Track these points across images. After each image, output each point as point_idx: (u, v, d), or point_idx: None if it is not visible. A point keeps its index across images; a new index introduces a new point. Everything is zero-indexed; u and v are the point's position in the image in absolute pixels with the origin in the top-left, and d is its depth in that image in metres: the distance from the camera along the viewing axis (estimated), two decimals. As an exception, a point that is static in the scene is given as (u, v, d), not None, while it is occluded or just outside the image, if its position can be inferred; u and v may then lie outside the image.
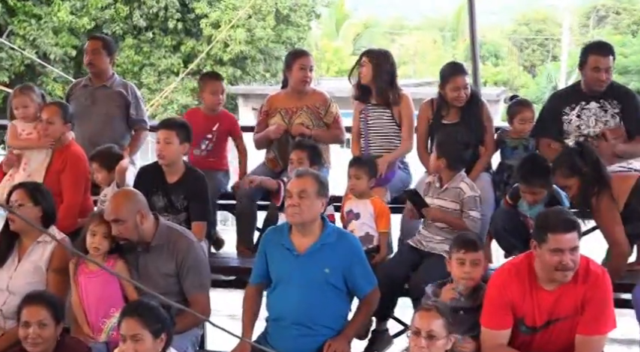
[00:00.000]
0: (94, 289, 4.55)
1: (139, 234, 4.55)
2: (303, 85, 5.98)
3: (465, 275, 4.27)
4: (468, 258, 4.27)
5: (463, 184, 5.03)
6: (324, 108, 6.02)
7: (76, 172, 5.53)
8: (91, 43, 6.36)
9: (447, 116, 5.68)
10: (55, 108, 5.58)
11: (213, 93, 5.99)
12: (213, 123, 6.00)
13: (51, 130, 5.50)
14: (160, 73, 21.42)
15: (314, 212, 4.40)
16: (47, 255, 4.74)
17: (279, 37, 21.80)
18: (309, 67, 5.97)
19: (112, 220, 4.50)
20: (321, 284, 4.39)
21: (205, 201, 5.35)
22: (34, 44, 19.61)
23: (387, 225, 5.21)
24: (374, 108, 5.86)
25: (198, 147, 5.98)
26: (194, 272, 4.61)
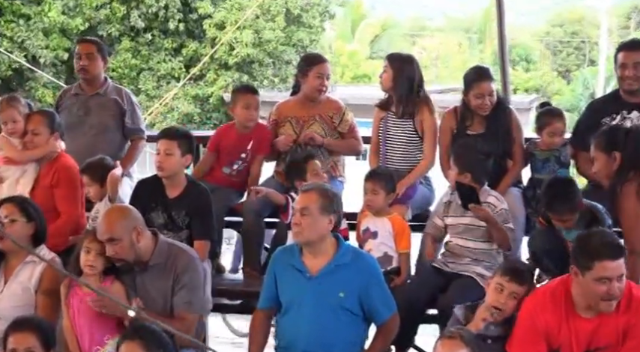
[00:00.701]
0: (88, 313, 4.54)
1: (136, 253, 4.57)
2: (318, 94, 6.02)
3: (497, 304, 4.26)
4: (510, 287, 4.27)
5: (491, 198, 5.05)
6: (338, 116, 6.05)
7: (71, 184, 5.55)
8: (84, 47, 6.36)
9: (472, 126, 5.69)
10: (40, 118, 5.60)
11: (246, 107, 5.95)
12: (247, 140, 5.98)
13: (37, 141, 5.53)
14: (160, 79, 21.56)
15: (318, 230, 4.41)
16: (36, 275, 4.75)
17: (290, 40, 21.92)
18: (326, 75, 5.99)
19: (106, 240, 4.51)
20: (336, 309, 4.40)
21: (209, 218, 5.36)
22: (23, 47, 19.79)
23: (407, 245, 5.22)
24: (393, 118, 5.88)
25: (229, 166, 6.00)
26: (188, 289, 4.60)
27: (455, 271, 5.04)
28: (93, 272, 4.54)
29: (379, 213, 5.24)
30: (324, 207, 4.39)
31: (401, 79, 5.79)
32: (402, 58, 5.93)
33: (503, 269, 4.37)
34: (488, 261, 5.04)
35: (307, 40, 22.42)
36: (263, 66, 21.99)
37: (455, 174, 5.11)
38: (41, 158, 5.59)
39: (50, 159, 5.59)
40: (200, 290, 4.73)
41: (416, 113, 5.82)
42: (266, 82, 22.28)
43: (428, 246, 5.34)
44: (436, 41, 39.66)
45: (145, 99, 20.48)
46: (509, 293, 4.27)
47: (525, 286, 4.30)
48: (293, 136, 6.01)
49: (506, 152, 5.61)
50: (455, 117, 5.76)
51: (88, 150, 5.79)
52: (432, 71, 36.49)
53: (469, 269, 4.97)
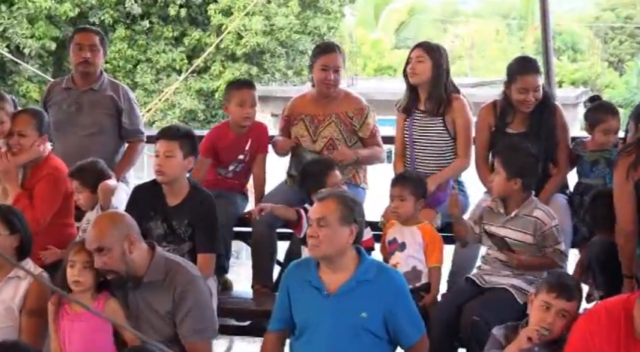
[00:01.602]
0: (79, 336, 4.56)
1: (128, 266, 4.57)
2: (326, 89, 6.00)
3: (544, 324, 4.23)
4: (557, 305, 4.24)
5: (539, 212, 5.01)
6: (358, 119, 6.01)
7: (51, 185, 5.54)
8: (86, 37, 6.36)
9: (512, 123, 5.68)
10: (27, 118, 5.61)
11: (240, 104, 5.99)
12: (245, 140, 6.04)
13: (23, 144, 5.54)
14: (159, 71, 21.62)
15: (337, 243, 4.40)
16: (21, 294, 4.77)
17: (305, 27, 21.94)
18: (332, 67, 5.94)
19: (95, 249, 4.52)
20: (357, 330, 4.38)
21: (214, 229, 5.37)
22: (5, 36, 19.89)
23: (439, 258, 5.22)
24: (422, 116, 5.88)
25: (224, 168, 6.04)
26: (194, 315, 4.62)
27: (489, 285, 5.02)
28: (79, 289, 4.54)
29: (407, 221, 5.25)
30: (343, 217, 4.38)
31: (439, 70, 5.80)
32: (438, 48, 5.93)
33: (549, 285, 4.33)
34: (531, 274, 5.03)
35: (325, 28, 22.42)
36: (275, 57, 22.02)
37: (502, 179, 5.08)
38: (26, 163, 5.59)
39: (37, 163, 5.60)
40: (208, 311, 4.73)
41: (447, 110, 5.83)
42: (278, 74, 22.32)
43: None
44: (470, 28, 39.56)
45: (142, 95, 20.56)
46: (556, 312, 4.24)
47: (575, 302, 4.28)
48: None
49: (550, 154, 5.60)
50: (494, 113, 5.75)
51: (79, 152, 5.79)
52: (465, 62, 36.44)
53: (506, 282, 4.96)
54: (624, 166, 4.73)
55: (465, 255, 5.50)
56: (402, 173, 5.56)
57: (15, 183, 5.53)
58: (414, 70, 5.80)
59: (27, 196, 5.50)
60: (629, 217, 4.74)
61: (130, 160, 6.40)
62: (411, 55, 5.85)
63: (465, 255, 5.49)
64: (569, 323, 4.22)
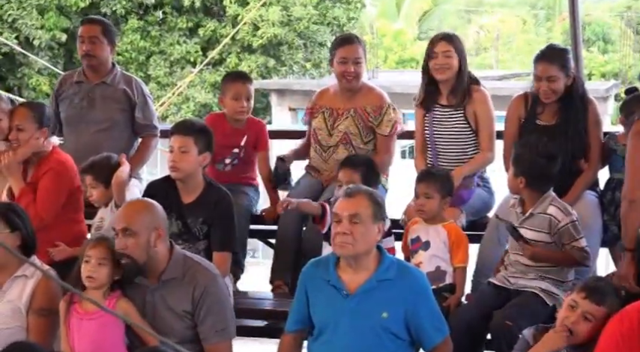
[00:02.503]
0: (90, 335, 4.59)
1: (149, 258, 4.60)
2: (346, 82, 5.98)
3: (566, 322, 4.25)
4: (583, 306, 4.25)
5: (552, 208, 5.01)
6: (376, 115, 5.99)
7: (55, 179, 5.55)
8: (87, 28, 6.40)
9: (543, 114, 5.67)
10: (25, 111, 5.62)
11: (235, 97, 6.04)
12: (241, 135, 6.09)
13: (22, 138, 5.55)
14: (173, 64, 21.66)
15: (369, 241, 4.42)
16: (28, 293, 4.78)
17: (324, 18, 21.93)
18: (352, 59, 5.94)
19: (121, 229, 4.54)
20: (378, 332, 4.39)
21: (230, 226, 5.39)
22: (14, 27, 19.95)
23: (464, 258, 5.22)
24: (442, 110, 5.89)
25: (221, 162, 6.07)
26: (215, 314, 4.65)
27: (515, 288, 5.03)
28: (94, 285, 4.57)
29: (432, 220, 5.26)
30: (375, 214, 4.40)
31: (464, 62, 5.82)
32: (459, 38, 5.96)
33: (582, 285, 4.35)
34: (557, 276, 5.03)
35: (344, 18, 22.41)
36: (293, 48, 22.01)
37: (511, 176, 5.11)
38: (29, 157, 5.60)
39: (40, 158, 5.62)
40: (228, 310, 4.76)
41: (467, 102, 5.83)
42: (296, 67, 22.32)
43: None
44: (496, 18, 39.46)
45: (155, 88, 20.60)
46: (581, 313, 4.24)
47: (604, 308, 4.25)
48: (322, 129, 6.02)
49: (579, 150, 5.58)
50: (524, 104, 5.73)
51: (91, 147, 5.82)
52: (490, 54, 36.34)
53: (535, 285, 4.96)
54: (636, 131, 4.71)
55: (490, 256, 5.50)
56: (428, 169, 5.55)
57: (18, 178, 5.56)
58: (442, 65, 5.78)
59: (31, 191, 5.53)
60: (638, 183, 4.70)
61: (144, 156, 6.43)
62: (435, 49, 5.81)
63: (491, 256, 5.49)
64: (596, 329, 4.21)
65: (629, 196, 4.72)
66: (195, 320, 4.64)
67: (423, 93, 5.92)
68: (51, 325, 4.73)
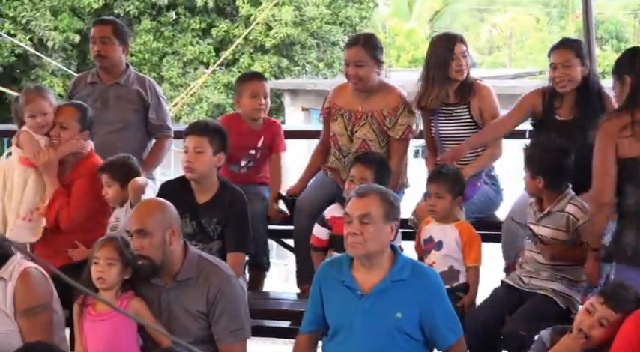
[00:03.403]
0: (103, 336, 4.61)
1: (165, 257, 4.61)
2: (353, 85, 5.92)
3: (582, 326, 4.25)
4: (600, 311, 4.24)
5: (571, 207, 5.00)
6: (390, 117, 5.88)
7: (90, 183, 5.55)
8: (98, 29, 6.41)
9: (560, 110, 5.65)
10: (71, 110, 5.65)
11: (253, 95, 6.04)
12: (258, 136, 6.08)
13: (65, 136, 5.57)
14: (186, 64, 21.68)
15: (381, 241, 4.41)
16: (10, 297, 4.69)
17: (337, 17, 21.93)
18: (352, 62, 5.80)
19: (136, 230, 4.57)
20: (392, 332, 4.39)
21: (244, 227, 5.40)
22: (28, 29, 20.01)
23: (477, 258, 5.22)
24: (446, 109, 5.89)
25: (236, 163, 6.06)
26: (229, 315, 4.66)
27: (529, 288, 5.03)
28: (104, 286, 4.58)
29: (444, 219, 5.26)
30: (387, 214, 4.39)
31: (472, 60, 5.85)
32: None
33: (601, 290, 4.35)
34: (572, 276, 5.02)
35: (357, 18, 22.39)
36: (305, 48, 22.01)
37: (528, 178, 5.10)
38: (66, 158, 5.61)
39: (77, 160, 5.63)
40: (243, 310, 4.76)
41: (471, 97, 5.84)
42: (309, 67, 22.30)
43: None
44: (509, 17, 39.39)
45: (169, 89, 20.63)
46: (598, 318, 4.23)
47: (621, 315, 4.23)
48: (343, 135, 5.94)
49: None
50: (542, 98, 5.69)
51: (105, 148, 5.80)
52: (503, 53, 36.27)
53: (546, 286, 4.95)
54: (611, 129, 4.68)
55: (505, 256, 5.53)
56: (439, 169, 5.49)
57: (54, 178, 5.56)
58: (461, 66, 5.77)
59: (65, 193, 5.55)
60: (608, 187, 4.70)
61: (157, 157, 6.43)
62: (455, 50, 5.77)
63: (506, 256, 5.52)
64: (611, 333, 4.20)
65: (598, 200, 4.72)
66: (210, 321, 4.65)
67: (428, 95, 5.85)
68: (44, 322, 4.70)
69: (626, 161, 4.65)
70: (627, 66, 4.82)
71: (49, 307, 4.74)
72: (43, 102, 5.61)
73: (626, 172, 4.66)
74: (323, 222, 5.55)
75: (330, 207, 5.57)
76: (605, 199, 4.70)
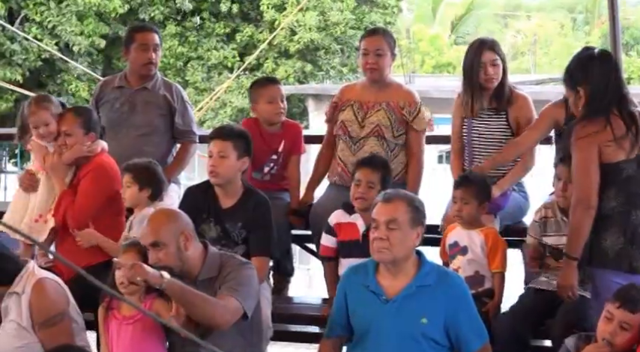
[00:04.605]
0: (129, 338, 4.62)
1: (183, 262, 4.61)
2: (369, 74, 5.93)
3: (605, 335, 4.22)
4: (619, 316, 4.22)
5: None
6: (411, 109, 5.91)
7: (94, 182, 5.54)
8: (149, 36, 6.35)
9: None
10: (72, 117, 5.63)
11: (270, 101, 6.02)
12: (278, 140, 6.06)
13: (70, 143, 5.57)
14: (210, 69, 21.74)
15: (407, 246, 4.41)
16: (25, 310, 4.68)
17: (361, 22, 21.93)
18: (372, 50, 5.87)
19: (150, 244, 4.57)
20: (417, 337, 4.38)
21: (268, 232, 5.39)
22: (54, 33, 20.13)
23: (502, 264, 5.21)
24: (485, 115, 5.86)
25: (259, 171, 6.05)
26: (235, 282, 4.60)
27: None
28: (128, 291, 4.59)
29: (470, 225, 5.25)
30: (413, 219, 4.39)
31: (506, 67, 5.82)
32: (498, 43, 5.94)
33: (615, 295, 4.32)
34: None
35: (381, 23, 22.34)
36: (329, 53, 22.03)
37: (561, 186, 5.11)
38: (76, 161, 5.63)
39: (86, 162, 5.63)
40: (249, 288, 4.66)
41: (510, 106, 5.81)
42: (333, 72, 22.33)
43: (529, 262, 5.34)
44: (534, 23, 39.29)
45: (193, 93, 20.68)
46: (618, 323, 4.22)
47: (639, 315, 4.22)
48: (352, 121, 5.94)
49: None
50: (564, 108, 5.63)
51: (132, 152, 5.80)
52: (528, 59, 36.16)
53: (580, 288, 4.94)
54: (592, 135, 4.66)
55: None
56: (466, 175, 5.51)
57: (61, 181, 5.58)
58: (491, 75, 5.74)
59: (72, 194, 5.56)
60: (594, 191, 4.65)
61: (182, 161, 6.43)
62: (482, 59, 5.73)
63: None
64: (635, 336, 4.19)
65: (585, 204, 4.63)
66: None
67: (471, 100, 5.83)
68: (64, 330, 4.69)
69: (607, 166, 4.65)
70: (580, 77, 4.79)
71: (67, 315, 4.74)
72: (44, 113, 5.63)
73: (607, 177, 4.65)
74: (329, 229, 5.54)
75: (335, 214, 5.54)
76: (592, 203, 4.65)
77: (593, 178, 4.64)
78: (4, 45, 19.80)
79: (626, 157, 4.66)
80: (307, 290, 9.01)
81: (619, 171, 4.65)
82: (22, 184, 5.73)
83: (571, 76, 4.83)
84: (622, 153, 4.65)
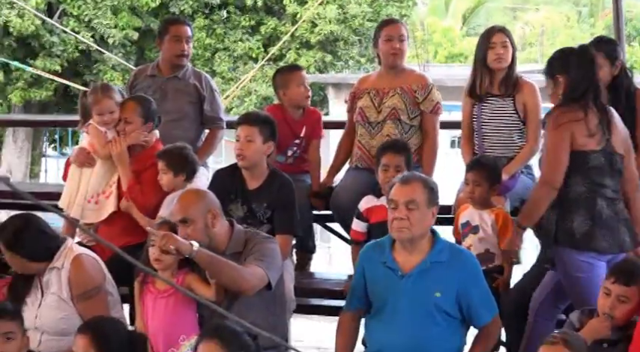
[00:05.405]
0: (162, 311, 4.65)
1: (210, 239, 4.64)
2: (392, 60, 5.95)
3: (605, 310, 4.23)
4: (615, 290, 4.22)
5: None
6: (422, 92, 5.94)
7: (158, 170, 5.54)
8: (182, 28, 6.37)
9: None
10: (133, 105, 5.67)
11: (299, 85, 6.04)
12: (301, 126, 6.08)
13: (129, 130, 5.59)
14: (236, 59, 21.69)
15: (425, 225, 4.43)
16: (65, 284, 4.75)
17: (378, 15, 21.78)
18: (397, 36, 5.91)
19: (180, 220, 4.61)
20: (431, 310, 4.41)
21: (292, 211, 5.41)
22: (90, 26, 20.12)
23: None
24: (493, 100, 5.84)
25: (283, 154, 6.06)
26: (260, 253, 4.63)
27: None
28: (161, 267, 4.61)
29: (481, 205, 5.24)
30: (429, 200, 4.41)
31: (515, 55, 5.82)
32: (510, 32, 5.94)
33: (609, 270, 4.34)
34: None
35: (397, 16, 22.22)
36: (348, 44, 21.92)
37: None
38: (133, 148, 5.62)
39: (143, 149, 5.65)
40: (273, 259, 4.69)
41: (517, 91, 5.79)
42: (351, 62, 22.24)
43: None
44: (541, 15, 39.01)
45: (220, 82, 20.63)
46: (616, 297, 4.22)
47: (635, 287, 4.22)
48: (369, 107, 5.96)
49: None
50: None
51: (164, 137, 5.81)
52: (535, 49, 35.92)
53: None
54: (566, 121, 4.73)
55: None
56: (478, 158, 5.52)
57: (127, 167, 5.57)
58: (500, 55, 5.74)
59: (135, 181, 5.58)
60: (561, 174, 4.74)
61: (211, 146, 6.45)
62: (492, 39, 5.77)
63: None
64: (634, 307, 4.19)
65: (550, 184, 4.75)
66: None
67: (478, 83, 5.84)
68: (100, 303, 4.74)
69: (576, 153, 4.70)
70: (560, 66, 4.86)
71: (103, 289, 4.80)
72: (110, 101, 5.64)
73: (575, 163, 4.71)
74: (359, 215, 5.55)
75: (364, 200, 5.55)
76: (556, 184, 4.73)
77: (563, 163, 4.71)
78: (44, 37, 19.84)
79: (595, 147, 4.70)
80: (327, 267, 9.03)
81: (586, 159, 4.71)
82: (77, 160, 5.70)
83: (551, 65, 4.90)
84: (592, 143, 4.70)
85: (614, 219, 4.72)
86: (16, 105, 20.69)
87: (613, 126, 4.79)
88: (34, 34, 19.64)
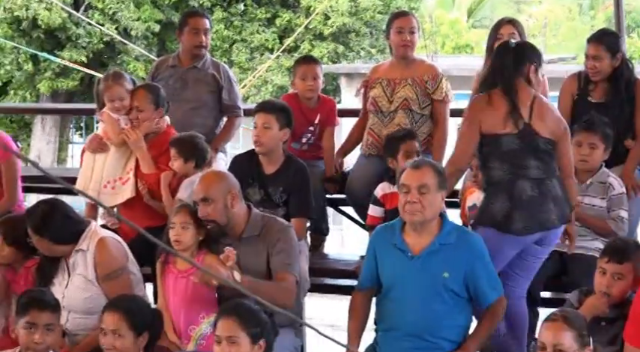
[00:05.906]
0: (183, 290, 4.66)
1: (229, 219, 4.65)
2: (403, 51, 5.92)
3: (602, 288, 4.23)
4: (610, 269, 4.22)
5: (612, 179, 5.01)
6: (433, 82, 5.89)
7: None
8: (202, 21, 6.35)
9: (594, 92, 5.58)
10: (144, 93, 5.62)
11: (302, 78, 6.01)
12: (314, 114, 6.05)
13: (142, 118, 5.55)
14: (253, 50, 21.69)
15: (436, 208, 4.42)
16: (90, 266, 4.75)
17: (388, 8, 21.74)
18: (408, 29, 5.89)
19: (201, 199, 4.62)
20: (439, 290, 4.40)
21: (307, 195, 5.41)
22: (114, 19, 20.16)
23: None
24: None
25: (298, 141, 6.04)
26: (285, 253, 4.66)
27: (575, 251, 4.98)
28: (180, 247, 4.62)
29: (486, 190, 5.22)
30: (439, 184, 4.39)
31: None
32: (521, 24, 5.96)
33: (603, 250, 4.35)
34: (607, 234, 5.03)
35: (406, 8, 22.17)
36: (359, 36, 21.90)
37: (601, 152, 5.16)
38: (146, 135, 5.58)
39: (156, 135, 5.62)
40: (295, 254, 4.74)
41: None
42: (363, 52, 22.21)
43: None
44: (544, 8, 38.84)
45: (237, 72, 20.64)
46: (611, 275, 4.22)
47: (628, 264, 4.22)
48: (381, 97, 5.93)
49: (626, 130, 5.47)
50: (577, 82, 5.64)
51: (183, 124, 5.83)
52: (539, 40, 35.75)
53: (590, 246, 4.93)
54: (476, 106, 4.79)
55: None
56: None
57: (146, 154, 5.51)
58: None
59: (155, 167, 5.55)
60: (468, 156, 4.79)
61: (229, 133, 6.44)
62: (500, 31, 5.75)
63: None
64: (630, 283, 4.19)
65: (457, 165, 4.78)
66: (269, 257, 4.68)
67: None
68: (124, 282, 4.75)
69: (489, 137, 4.68)
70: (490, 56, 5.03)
71: (126, 269, 4.80)
72: (120, 88, 5.60)
73: (490, 147, 4.70)
74: (375, 201, 5.53)
75: (380, 187, 5.54)
76: (462, 165, 4.79)
77: (472, 146, 4.73)
78: (71, 29, 19.91)
79: (510, 131, 4.65)
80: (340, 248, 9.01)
81: (499, 142, 4.66)
82: (91, 146, 5.68)
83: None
84: (505, 127, 4.65)
85: (539, 199, 4.63)
86: (44, 94, 20.77)
87: (537, 113, 4.70)
88: (61, 27, 19.71)
